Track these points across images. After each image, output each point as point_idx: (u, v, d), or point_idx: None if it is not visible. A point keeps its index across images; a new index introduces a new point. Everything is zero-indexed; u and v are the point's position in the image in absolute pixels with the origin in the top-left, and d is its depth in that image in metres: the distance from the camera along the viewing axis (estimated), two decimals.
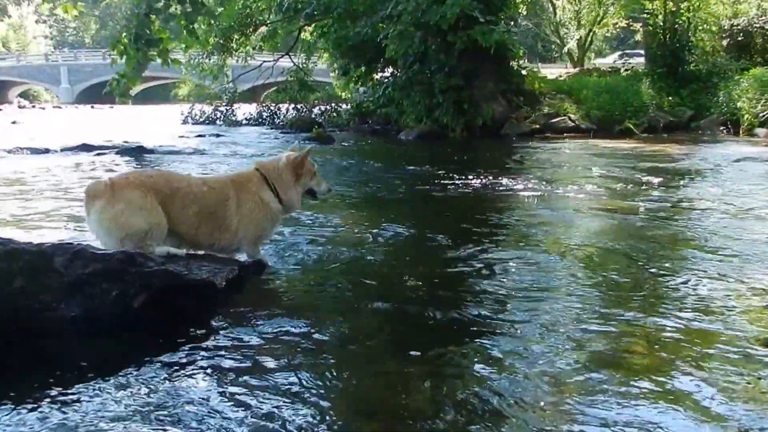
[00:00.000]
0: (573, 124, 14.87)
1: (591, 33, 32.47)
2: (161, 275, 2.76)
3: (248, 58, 22.44)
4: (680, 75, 16.70)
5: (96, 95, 45.06)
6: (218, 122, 20.30)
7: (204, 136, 15.06)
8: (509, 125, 14.79)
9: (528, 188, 6.67)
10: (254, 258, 3.54)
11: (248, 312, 2.90)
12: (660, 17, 17.42)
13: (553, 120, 14.96)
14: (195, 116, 21.06)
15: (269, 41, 21.13)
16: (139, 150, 10.71)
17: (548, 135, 14.29)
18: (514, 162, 9.72)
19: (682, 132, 14.69)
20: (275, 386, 2.16)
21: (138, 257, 2.79)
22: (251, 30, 21.12)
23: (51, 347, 2.53)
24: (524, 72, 16.77)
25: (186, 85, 55.99)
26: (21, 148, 10.80)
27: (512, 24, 16.38)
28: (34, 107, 48.27)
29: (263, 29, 21.22)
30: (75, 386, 2.16)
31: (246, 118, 20.16)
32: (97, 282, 2.64)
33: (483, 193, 6.45)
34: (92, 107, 43.97)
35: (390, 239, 4.34)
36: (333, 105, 19.88)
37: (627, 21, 28.81)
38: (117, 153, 10.35)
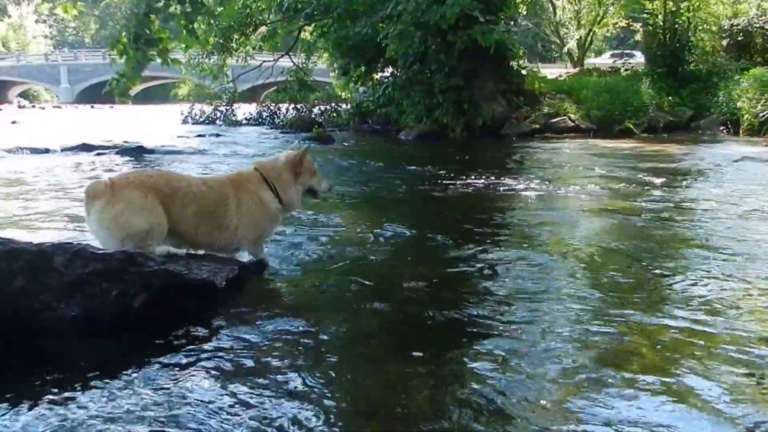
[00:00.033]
0: (573, 124, 14.86)
1: (591, 33, 32.51)
2: (161, 275, 2.76)
3: (248, 58, 22.45)
4: (680, 75, 16.70)
5: (96, 95, 45.08)
6: (218, 122, 20.31)
7: (204, 136, 15.06)
8: (509, 125, 14.79)
9: (528, 188, 6.66)
10: (258, 257, 3.55)
11: (248, 312, 2.90)
12: (660, 17, 17.42)
13: (553, 120, 14.96)
14: (195, 116, 21.07)
15: (269, 41, 21.14)
16: (139, 150, 10.70)
17: (548, 135, 14.29)
18: (514, 162, 9.72)
19: (682, 132, 14.69)
20: (275, 386, 2.15)
21: (138, 257, 2.79)
22: (251, 30, 21.12)
23: (51, 347, 2.53)
24: (524, 72, 16.77)
25: (186, 85, 56.05)
26: (21, 148, 10.78)
27: (512, 24, 16.37)
28: (34, 107, 48.28)
29: (263, 29, 21.23)
30: (75, 386, 2.16)
31: (246, 118, 20.17)
32: (97, 282, 2.64)
33: (483, 193, 6.45)
34: (92, 107, 43.98)
35: (390, 239, 4.34)
36: (333, 105, 19.87)
37: (627, 21, 28.81)
38: (117, 153, 10.34)
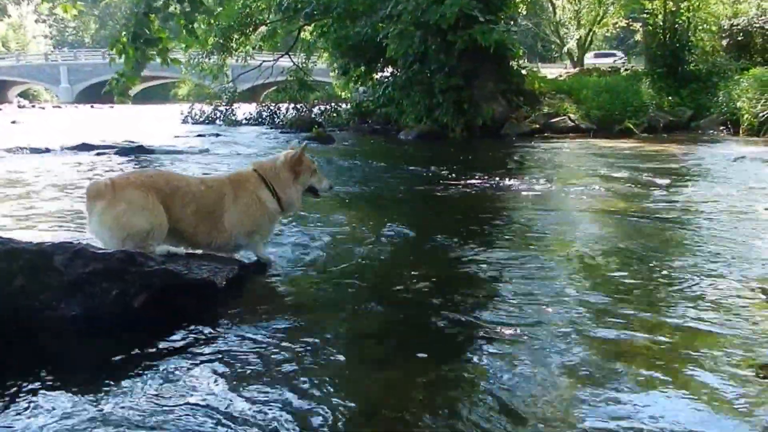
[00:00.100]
0: (573, 124, 14.86)
1: (591, 33, 32.52)
2: (161, 274, 2.77)
3: (248, 58, 22.44)
4: (680, 75, 16.70)
5: (96, 95, 45.04)
6: (218, 122, 20.31)
7: (204, 136, 15.06)
8: (509, 125, 14.79)
9: (529, 188, 6.66)
10: (258, 256, 3.55)
11: (249, 311, 2.90)
12: (660, 17, 17.42)
13: (553, 120, 14.96)
14: (195, 116, 21.07)
15: (269, 41, 21.13)
16: (139, 150, 10.71)
17: (548, 135, 14.28)
18: (515, 162, 9.71)
19: (682, 132, 14.69)
20: (275, 386, 2.15)
21: (138, 256, 2.79)
22: (251, 29, 21.12)
23: (51, 347, 2.53)
24: (524, 72, 16.77)
25: (186, 85, 56.02)
26: (21, 148, 10.79)
27: (512, 23, 16.37)
28: (34, 107, 48.26)
29: (263, 29, 21.22)
30: (75, 386, 2.16)
31: (246, 118, 20.17)
32: (98, 281, 2.64)
33: (484, 193, 6.45)
34: (92, 107, 43.95)
35: (391, 239, 4.34)
36: (333, 105, 19.87)
37: (627, 21, 28.82)
38: (117, 153, 10.34)
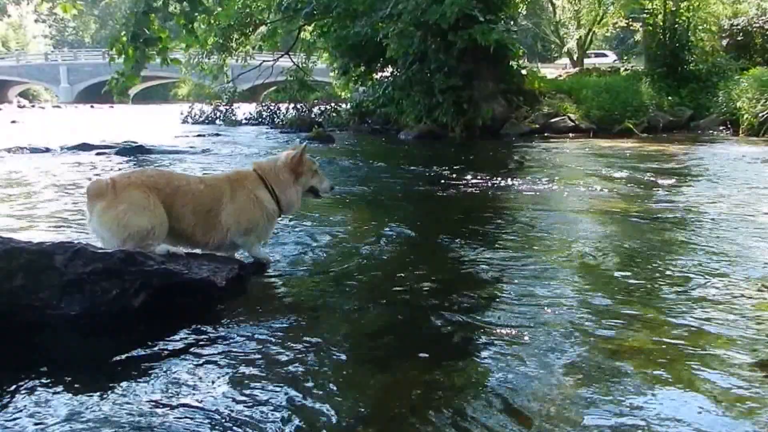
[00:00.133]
0: (573, 124, 14.86)
1: (591, 33, 32.50)
2: (161, 274, 2.77)
3: (248, 58, 22.43)
4: (680, 75, 16.70)
5: (96, 95, 45.01)
6: (218, 122, 20.32)
7: (204, 136, 15.07)
8: (509, 125, 14.79)
9: (529, 188, 6.66)
10: (253, 256, 3.53)
11: (249, 311, 2.90)
12: (660, 17, 17.42)
13: (553, 120, 14.96)
14: (195, 116, 21.08)
15: (269, 40, 21.11)
16: (139, 149, 10.70)
17: (548, 135, 14.28)
18: (515, 162, 9.71)
19: (682, 132, 14.70)
20: (276, 386, 2.15)
21: (138, 256, 2.79)
22: (251, 29, 21.11)
23: (51, 346, 2.53)
24: (524, 72, 16.76)
25: (186, 85, 55.94)
26: (21, 148, 10.79)
27: (512, 23, 16.37)
28: (34, 107, 48.27)
29: (263, 28, 21.21)
30: (75, 385, 2.16)
31: (246, 118, 20.18)
32: (98, 281, 2.64)
33: (484, 194, 6.45)
34: (92, 107, 43.94)
35: (391, 239, 4.34)
36: (333, 104, 19.88)
37: (627, 21, 28.80)
38: (117, 153, 10.34)
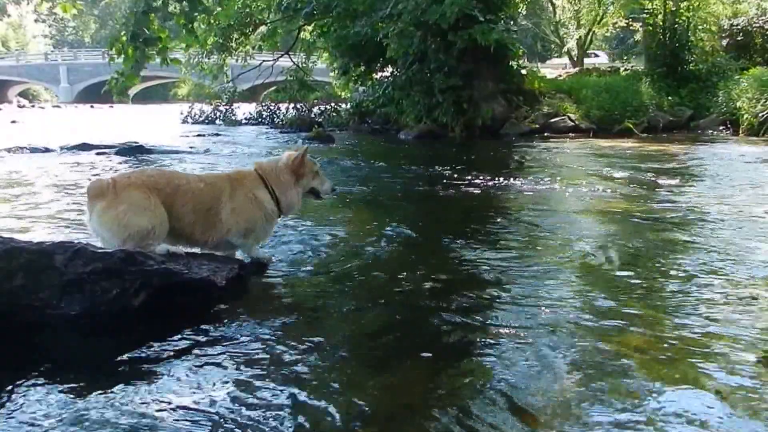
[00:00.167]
0: (573, 124, 14.85)
1: (590, 33, 32.50)
2: (161, 274, 2.77)
3: (248, 58, 22.43)
4: (680, 75, 16.69)
5: (95, 94, 45.03)
6: (218, 121, 20.31)
7: (204, 136, 15.07)
8: (509, 125, 14.79)
9: (529, 188, 6.66)
10: (252, 256, 3.53)
11: (249, 311, 2.90)
12: (660, 17, 17.41)
13: (553, 120, 14.96)
14: (194, 115, 21.07)
15: (269, 40, 21.11)
16: (139, 149, 10.70)
17: (548, 135, 14.28)
18: (515, 162, 9.71)
19: (682, 132, 14.70)
20: (275, 385, 2.15)
21: (138, 256, 2.79)
22: (251, 29, 21.10)
23: (51, 345, 2.53)
24: (524, 72, 16.76)
25: (185, 85, 55.93)
26: (21, 148, 10.79)
27: (512, 23, 16.37)
28: (34, 106, 48.27)
29: (263, 28, 21.21)
30: (74, 385, 2.16)
31: (246, 118, 20.17)
32: (98, 280, 2.64)
33: (484, 194, 6.45)
34: (92, 107, 43.93)
35: (391, 239, 4.34)
36: (333, 104, 19.88)
37: (627, 21, 28.81)
38: (117, 153, 10.34)
